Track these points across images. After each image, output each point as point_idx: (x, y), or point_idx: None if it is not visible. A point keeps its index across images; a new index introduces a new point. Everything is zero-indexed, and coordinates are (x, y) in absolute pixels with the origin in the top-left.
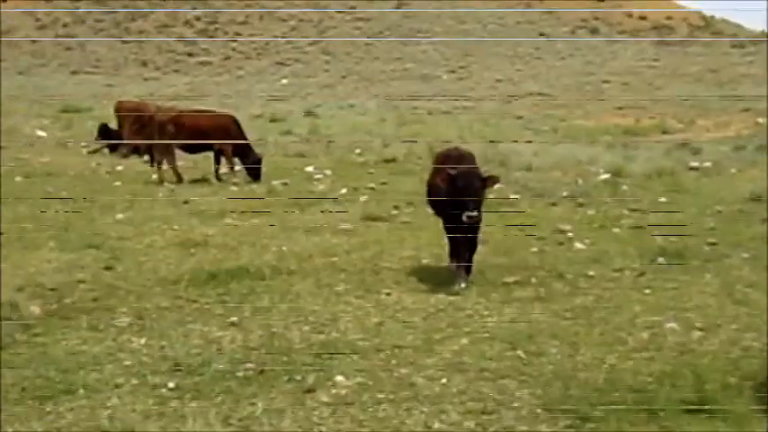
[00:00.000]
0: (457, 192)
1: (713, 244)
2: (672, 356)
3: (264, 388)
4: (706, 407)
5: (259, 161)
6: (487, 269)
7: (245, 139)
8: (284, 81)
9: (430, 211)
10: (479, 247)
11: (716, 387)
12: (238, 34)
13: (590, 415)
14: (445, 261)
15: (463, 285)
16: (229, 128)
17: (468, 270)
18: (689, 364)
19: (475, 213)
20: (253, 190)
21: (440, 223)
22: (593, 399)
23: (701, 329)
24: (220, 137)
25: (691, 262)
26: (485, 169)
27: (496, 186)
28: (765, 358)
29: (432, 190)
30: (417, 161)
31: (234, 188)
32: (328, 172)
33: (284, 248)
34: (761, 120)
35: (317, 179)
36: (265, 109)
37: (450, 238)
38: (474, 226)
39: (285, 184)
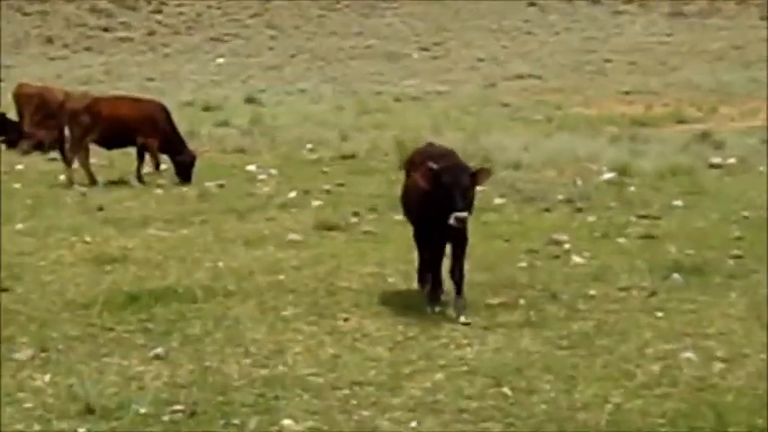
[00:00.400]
0: (442, 190)
1: (738, 257)
2: (688, 393)
3: None
4: None
5: (192, 159)
6: (467, 289)
7: (175, 130)
8: (220, 61)
9: (399, 217)
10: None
11: (741, 430)
12: (164, 4)
13: None
14: (415, 280)
15: (462, 319)
16: (156, 118)
17: (459, 290)
18: (709, 403)
19: (465, 214)
20: (182, 194)
21: (410, 232)
22: None
23: (723, 360)
24: (145, 129)
25: (712, 279)
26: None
27: (480, 188)
28: None
29: (408, 192)
30: (382, 158)
31: (159, 191)
32: (274, 171)
33: (220, 264)
34: None
35: (261, 180)
36: (197, 95)
37: (426, 253)
38: (461, 236)
39: (221, 186)
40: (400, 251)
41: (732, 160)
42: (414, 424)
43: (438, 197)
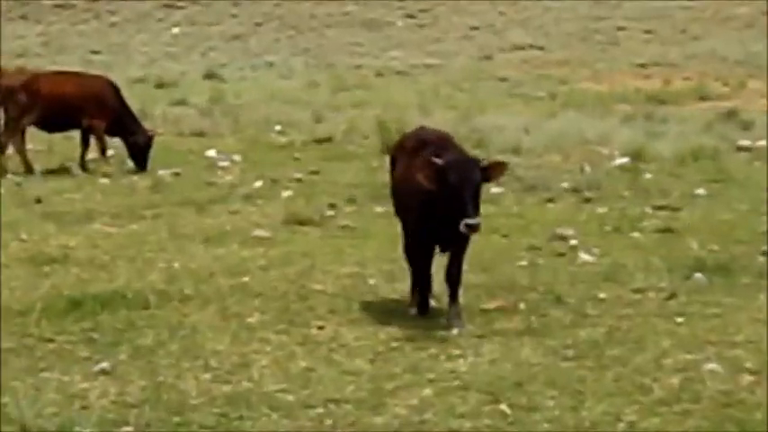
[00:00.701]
0: (448, 191)
1: None
2: (712, 410)
3: None
4: None
5: (148, 140)
6: (460, 291)
7: (127, 109)
8: (175, 30)
9: (381, 209)
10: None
11: None
12: None
13: None
14: (400, 281)
15: (456, 331)
16: (103, 96)
17: (454, 296)
18: (736, 420)
19: (478, 220)
20: (132, 183)
21: (394, 227)
22: None
23: (752, 372)
24: (91, 109)
25: (739, 278)
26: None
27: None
28: None
29: (403, 190)
30: (362, 142)
31: (105, 181)
32: (237, 157)
33: (176, 265)
34: None
35: (222, 168)
36: (149, 70)
37: (420, 263)
38: (465, 239)
39: (177, 174)
40: (383, 248)
41: (762, 142)
42: None
43: (443, 199)
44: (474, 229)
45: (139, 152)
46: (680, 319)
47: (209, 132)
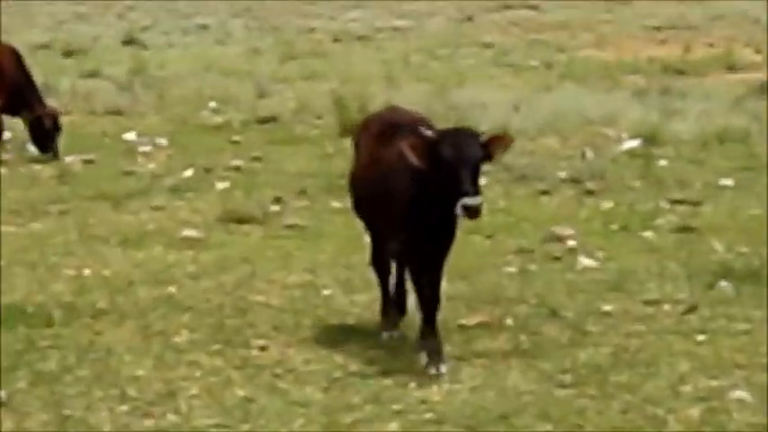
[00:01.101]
0: (444, 167)
1: None
2: None
3: None
4: None
5: (53, 123)
6: None
7: (30, 82)
8: None
9: (337, 204)
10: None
11: None
12: None
13: None
14: (360, 292)
15: (435, 371)
16: (1, 66)
17: (432, 330)
18: None
19: (479, 200)
20: (34, 173)
21: (353, 226)
22: None
23: None
24: None
25: None
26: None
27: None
28: None
29: (370, 182)
30: (314, 122)
31: (2, 170)
32: (162, 141)
33: (86, 272)
34: None
35: (144, 154)
36: (55, 34)
37: (416, 273)
38: (449, 241)
39: (89, 162)
40: (339, 252)
41: None
42: None
43: (435, 179)
44: (474, 212)
45: (43, 135)
46: (701, 338)
47: (128, 111)
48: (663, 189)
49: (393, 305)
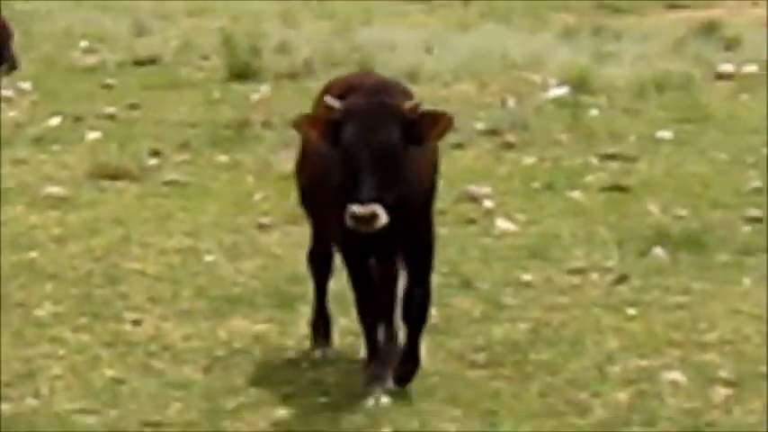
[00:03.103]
0: (343, 154)
1: (756, 220)
2: None
3: None
4: None
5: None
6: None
7: None
8: None
9: (224, 158)
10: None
11: None
12: None
13: None
14: (248, 258)
15: (381, 400)
16: None
17: (414, 338)
18: None
19: (368, 210)
20: None
21: (240, 183)
22: None
23: (728, 384)
24: None
25: (715, 255)
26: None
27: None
28: None
29: (306, 159)
30: (200, 64)
31: None
32: (26, 85)
33: None
34: None
35: (4, 99)
36: None
37: (360, 283)
38: (420, 242)
39: None
40: (224, 212)
41: (751, 68)
42: None
43: (341, 169)
44: (362, 221)
45: None
46: (632, 311)
47: None
48: (593, 143)
49: (324, 317)
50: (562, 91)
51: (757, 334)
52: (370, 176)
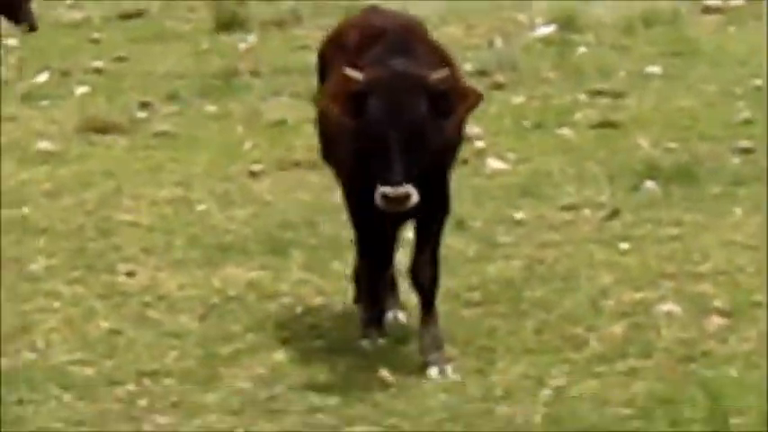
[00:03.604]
0: (370, 131)
1: (748, 151)
2: (669, 367)
3: None
4: None
5: None
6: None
7: None
8: None
9: (212, 108)
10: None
11: (750, 421)
12: None
13: None
14: (239, 206)
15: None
16: None
17: (428, 305)
18: (699, 380)
19: (402, 191)
20: None
21: (230, 132)
22: None
23: (723, 314)
24: None
25: (706, 188)
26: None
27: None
28: None
29: (324, 125)
30: (186, 16)
31: None
32: (12, 42)
33: None
34: None
35: None
36: None
37: (367, 245)
38: (435, 208)
39: None
40: (215, 162)
41: (738, 0)
42: None
43: (364, 144)
44: (395, 202)
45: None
46: (625, 246)
47: None
48: (581, 80)
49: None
50: (549, 30)
51: (750, 263)
52: (399, 156)
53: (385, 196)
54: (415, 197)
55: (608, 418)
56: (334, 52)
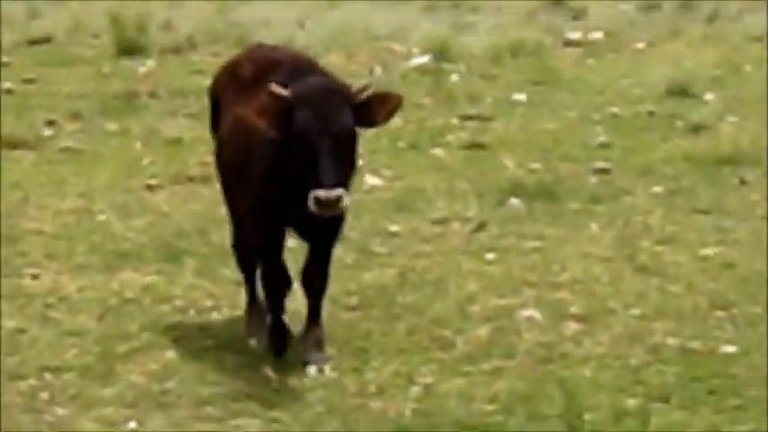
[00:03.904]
0: (297, 141)
1: (604, 171)
2: (529, 367)
3: None
4: None
5: None
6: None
7: None
8: None
9: (113, 126)
10: None
11: (602, 417)
12: None
13: None
14: (137, 216)
15: (312, 371)
16: None
17: (314, 317)
18: (557, 379)
19: (335, 193)
20: None
21: (129, 148)
22: None
23: (579, 319)
24: None
25: (565, 204)
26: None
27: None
28: (690, 363)
29: (230, 145)
30: (90, 42)
31: None
32: None
33: None
34: None
35: None
36: None
37: (270, 260)
38: (333, 223)
39: None
40: (116, 176)
41: (598, 35)
42: (133, 424)
43: (290, 155)
44: (328, 206)
45: None
46: (490, 256)
47: None
48: (453, 105)
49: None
50: (424, 59)
51: (605, 274)
52: (330, 161)
53: (318, 200)
54: (346, 200)
55: (473, 413)
56: (227, 86)
